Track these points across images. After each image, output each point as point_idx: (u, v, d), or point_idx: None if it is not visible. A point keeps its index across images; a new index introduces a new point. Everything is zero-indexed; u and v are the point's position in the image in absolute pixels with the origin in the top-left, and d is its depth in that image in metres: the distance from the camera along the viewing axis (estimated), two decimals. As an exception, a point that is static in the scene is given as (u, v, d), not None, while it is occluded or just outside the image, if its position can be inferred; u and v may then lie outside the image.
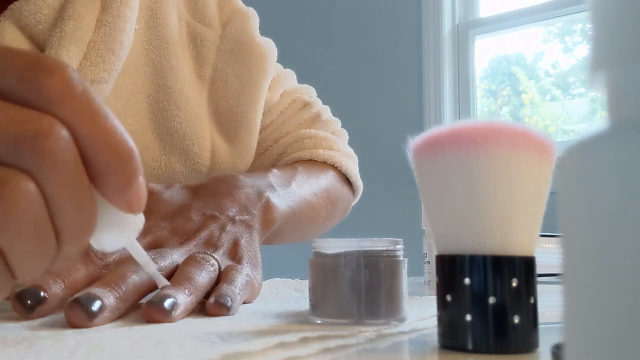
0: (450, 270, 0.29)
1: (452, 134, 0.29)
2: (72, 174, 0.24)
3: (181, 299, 0.35)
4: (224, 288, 0.38)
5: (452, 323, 0.28)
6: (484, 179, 0.28)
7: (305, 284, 0.57)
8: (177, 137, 0.61)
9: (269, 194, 0.54)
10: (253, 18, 0.72)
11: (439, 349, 0.29)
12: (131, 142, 0.25)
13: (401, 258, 0.36)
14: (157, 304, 0.34)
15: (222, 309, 0.37)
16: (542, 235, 0.70)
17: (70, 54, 0.50)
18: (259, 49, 0.69)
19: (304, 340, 0.28)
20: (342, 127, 0.79)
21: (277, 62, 0.74)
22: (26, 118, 0.23)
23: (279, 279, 0.62)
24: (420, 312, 0.40)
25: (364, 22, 2.22)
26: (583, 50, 1.99)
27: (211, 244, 0.45)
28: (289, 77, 0.77)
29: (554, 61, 2.08)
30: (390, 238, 0.36)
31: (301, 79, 0.78)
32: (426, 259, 0.59)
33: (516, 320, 0.27)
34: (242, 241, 0.47)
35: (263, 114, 0.70)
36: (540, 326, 0.28)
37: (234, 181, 0.53)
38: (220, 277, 0.41)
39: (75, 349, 0.25)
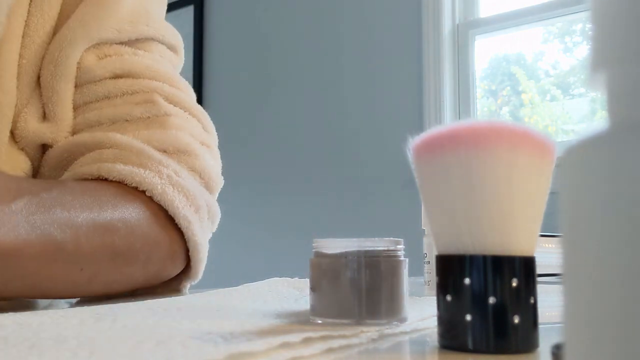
0: (450, 270, 0.29)
1: (452, 134, 0.29)
2: None
3: None
4: None
5: (452, 323, 0.28)
6: (484, 179, 0.28)
7: (304, 283, 0.57)
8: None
9: None
10: None
11: (439, 349, 0.29)
12: None
13: (402, 258, 0.36)
14: None
15: None
16: (542, 235, 0.70)
17: None
18: None
19: (307, 341, 0.28)
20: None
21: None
22: None
23: (278, 278, 0.62)
24: (420, 312, 0.40)
25: (364, 21, 2.22)
26: (583, 50, 1.98)
27: None
28: (166, 77, 0.57)
29: (554, 61, 2.08)
30: (390, 238, 0.36)
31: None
32: (426, 259, 0.59)
33: (516, 320, 0.27)
34: None
35: (78, 86, 0.55)
36: (540, 326, 0.29)
37: None
38: None
39: (78, 350, 0.25)
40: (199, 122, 0.59)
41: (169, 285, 0.55)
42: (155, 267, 0.49)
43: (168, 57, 0.62)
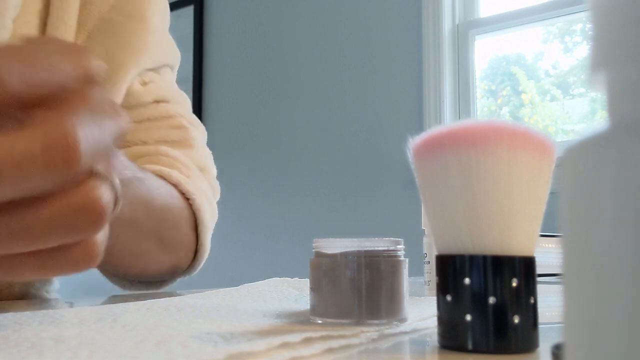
0: (450, 270, 0.29)
1: (452, 134, 0.29)
2: None
3: None
4: None
5: (452, 323, 0.28)
6: (484, 179, 0.28)
7: (304, 283, 0.57)
8: None
9: None
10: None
11: (439, 349, 0.29)
12: None
13: (402, 258, 0.36)
14: None
15: None
16: (542, 235, 0.70)
17: None
18: (140, 24, 0.60)
19: (307, 341, 0.28)
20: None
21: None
22: None
23: (278, 278, 0.62)
24: (420, 312, 0.40)
25: (364, 21, 2.22)
26: (583, 50, 1.98)
27: None
28: (179, 98, 0.66)
29: (554, 61, 2.08)
30: (390, 238, 0.36)
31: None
32: (426, 259, 0.59)
33: (516, 320, 0.27)
34: None
35: (127, 108, 0.59)
36: (540, 326, 0.29)
37: None
38: None
39: (78, 350, 0.25)
40: (202, 135, 0.67)
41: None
42: (178, 261, 0.56)
43: (173, 77, 0.69)
